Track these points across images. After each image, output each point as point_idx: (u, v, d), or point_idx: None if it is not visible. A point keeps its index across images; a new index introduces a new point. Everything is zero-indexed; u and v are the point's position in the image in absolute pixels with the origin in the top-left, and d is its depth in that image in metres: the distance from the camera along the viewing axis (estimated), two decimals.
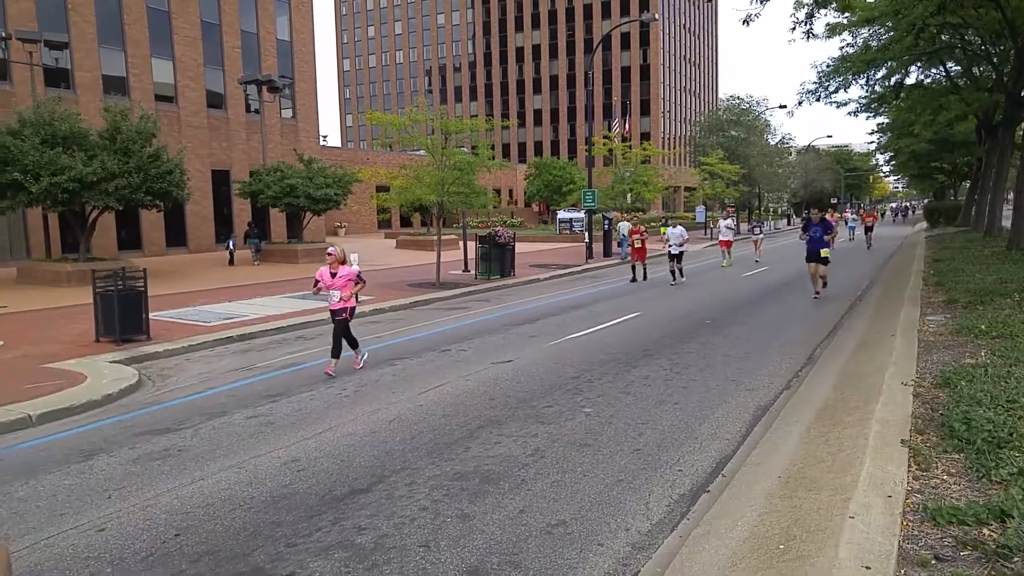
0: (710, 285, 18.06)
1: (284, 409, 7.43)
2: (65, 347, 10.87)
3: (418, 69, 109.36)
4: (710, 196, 43.81)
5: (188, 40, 30.69)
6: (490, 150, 21.43)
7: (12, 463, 6.03)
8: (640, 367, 8.89)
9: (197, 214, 31.04)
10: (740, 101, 50.28)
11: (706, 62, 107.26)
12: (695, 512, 4.63)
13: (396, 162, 43.15)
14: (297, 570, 4.00)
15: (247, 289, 18.11)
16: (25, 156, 17.47)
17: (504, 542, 4.30)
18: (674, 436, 6.25)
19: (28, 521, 4.81)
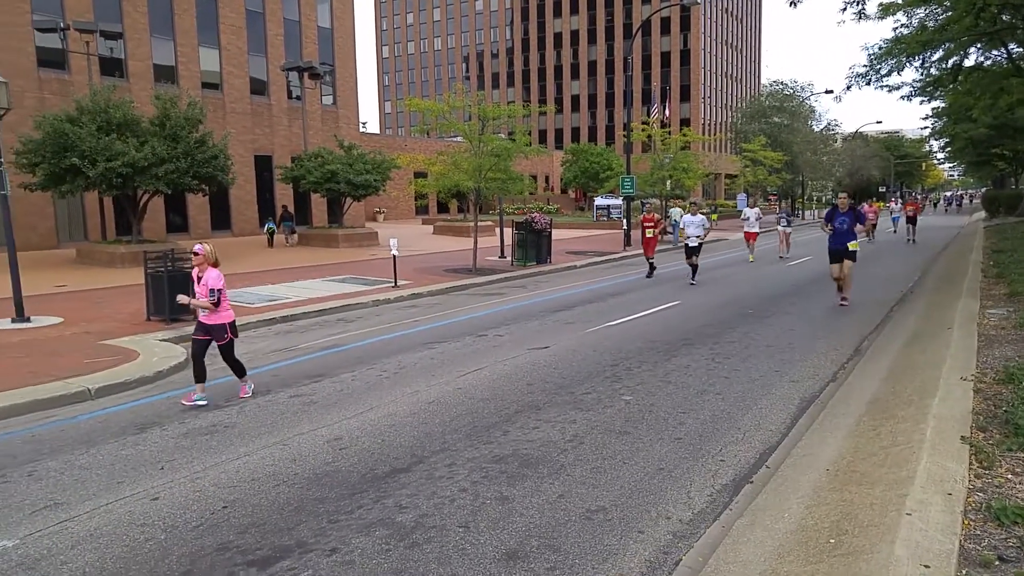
0: (751, 274, 17.78)
1: (326, 389, 7.56)
2: (119, 325, 11.20)
3: (456, 56, 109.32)
4: (751, 183, 43.06)
5: (233, 29, 31.14)
6: (527, 136, 21.38)
7: (74, 433, 6.26)
8: (680, 356, 8.82)
9: (241, 198, 31.59)
10: (784, 87, 49.23)
11: (748, 47, 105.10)
12: (738, 503, 4.59)
13: (434, 148, 43.30)
14: (340, 545, 4.09)
15: (289, 272, 18.40)
16: (83, 142, 17.98)
17: (543, 526, 4.33)
18: (716, 426, 6.19)
19: (89, 488, 4.99)
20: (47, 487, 5.02)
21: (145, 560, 3.94)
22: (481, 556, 3.96)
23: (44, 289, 14.91)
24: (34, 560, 3.98)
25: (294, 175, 26.57)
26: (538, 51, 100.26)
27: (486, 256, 21.91)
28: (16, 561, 3.97)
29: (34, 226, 24.65)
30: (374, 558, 3.94)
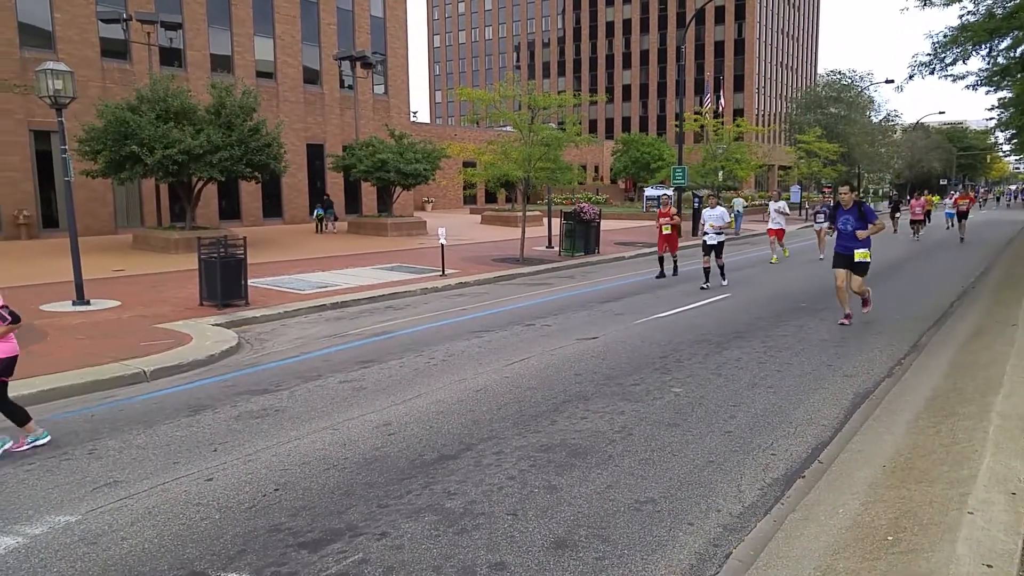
0: (804, 266, 17.34)
1: (375, 375, 7.63)
2: (173, 309, 11.51)
3: (507, 45, 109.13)
4: (806, 175, 41.99)
5: (288, 18, 31.61)
6: (577, 126, 21.21)
7: (131, 414, 6.45)
8: (731, 348, 8.65)
9: (292, 186, 32.14)
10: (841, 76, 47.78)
11: (805, 35, 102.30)
12: (790, 497, 4.47)
13: (483, 138, 43.35)
14: (389, 530, 4.11)
15: (340, 260, 18.67)
16: (142, 130, 18.52)
17: (591, 515, 4.28)
18: (767, 420, 6.05)
19: (146, 467, 5.13)
20: (107, 465, 5.18)
21: (201, 538, 4.03)
22: (530, 544, 3.94)
23: (103, 273, 15.42)
24: (95, 535, 4.10)
25: (345, 164, 26.92)
26: (590, 40, 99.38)
27: (534, 246, 21.86)
28: (79, 536, 4.10)
29: (94, 212, 25.50)
30: (423, 543, 3.95)
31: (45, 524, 4.25)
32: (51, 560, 3.84)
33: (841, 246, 9.76)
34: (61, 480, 4.92)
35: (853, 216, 9.45)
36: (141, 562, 3.79)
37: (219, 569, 3.70)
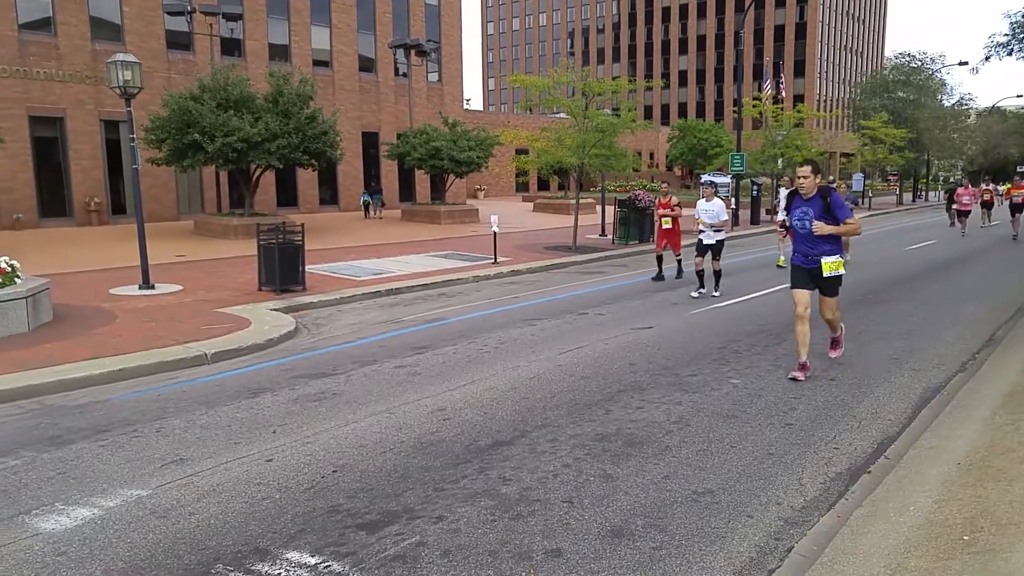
0: (866, 257, 16.78)
1: (429, 361, 7.69)
2: (233, 294, 11.82)
3: (561, 31, 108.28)
4: (870, 163, 40.57)
5: (344, 7, 31.97)
6: (633, 112, 20.92)
7: (194, 395, 6.66)
8: (791, 340, 8.38)
9: (348, 174, 32.60)
10: (911, 59, 45.87)
11: (871, 17, 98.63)
12: (855, 493, 4.33)
13: (537, 125, 43.17)
14: (446, 514, 4.14)
15: (394, 247, 18.88)
16: (203, 119, 19.03)
17: (648, 505, 4.23)
18: (829, 413, 5.87)
19: (209, 446, 5.28)
20: (173, 443, 5.34)
21: (263, 517, 4.13)
22: (586, 532, 3.91)
23: (166, 258, 15.94)
24: (165, 509, 4.24)
25: (399, 152, 27.17)
26: (645, 26, 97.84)
27: (586, 234, 21.70)
28: (150, 509, 4.25)
29: (158, 198, 26.34)
30: (479, 527, 3.96)
31: (119, 497, 4.42)
32: (125, 531, 3.99)
33: (800, 254, 6.84)
34: (132, 456, 5.11)
35: (815, 209, 6.60)
36: (208, 536, 3.90)
37: (280, 547, 3.78)
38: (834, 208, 6.58)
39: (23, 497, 4.45)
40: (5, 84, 23.09)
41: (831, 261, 6.71)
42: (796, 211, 6.78)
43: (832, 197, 6.61)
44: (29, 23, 23.69)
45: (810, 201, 6.69)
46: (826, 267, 6.69)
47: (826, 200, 6.61)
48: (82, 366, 7.29)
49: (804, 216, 6.70)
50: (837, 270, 6.77)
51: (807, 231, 6.69)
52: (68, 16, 24.19)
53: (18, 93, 23.40)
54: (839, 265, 6.77)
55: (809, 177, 6.66)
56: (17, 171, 23.54)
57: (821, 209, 6.60)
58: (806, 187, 6.68)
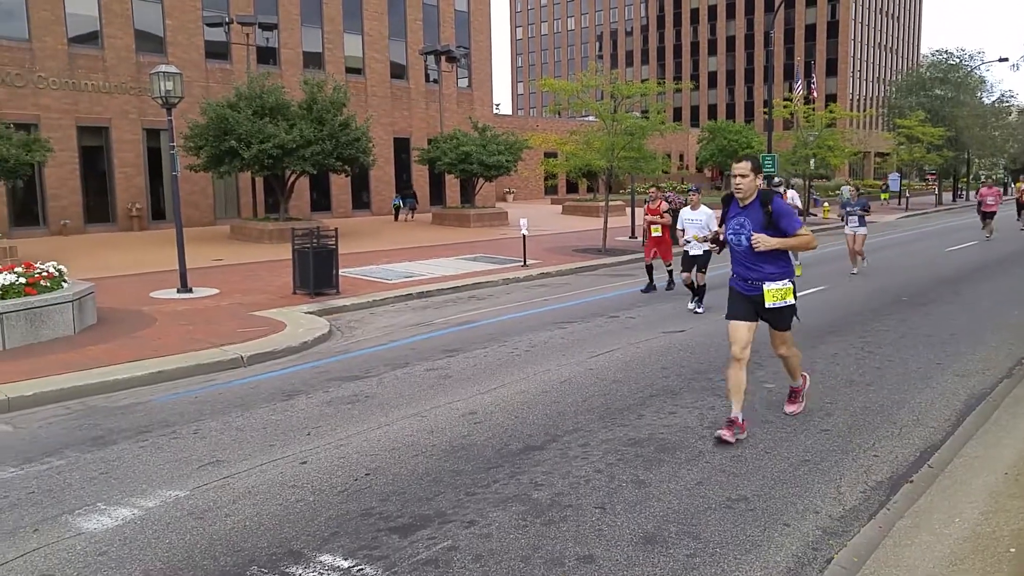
0: (905, 259, 16.44)
1: (460, 364, 7.71)
2: (268, 297, 11.98)
3: (589, 35, 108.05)
4: (906, 162, 39.76)
5: (375, 15, 32.31)
6: (662, 114, 20.79)
7: (230, 397, 6.76)
8: (826, 344, 8.28)
9: (380, 179, 32.89)
10: (948, 56, 44.87)
11: (907, 14, 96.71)
12: (897, 503, 4.23)
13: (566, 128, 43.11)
14: (477, 518, 4.14)
15: (424, 251, 18.99)
16: (240, 126, 19.38)
17: (681, 512, 4.19)
18: (867, 419, 5.76)
19: (245, 448, 5.36)
20: (209, 445, 5.43)
21: (297, 519, 4.17)
22: (618, 538, 3.88)
23: (203, 262, 16.22)
24: (202, 511, 4.31)
25: (430, 156, 27.36)
26: (673, 27, 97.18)
27: (616, 236, 21.59)
28: (187, 510, 4.33)
29: (196, 204, 26.85)
30: (511, 532, 3.96)
31: (157, 498, 4.50)
32: (163, 532, 4.06)
33: (739, 277, 5.37)
34: (170, 457, 5.20)
35: (754, 219, 5.13)
36: (243, 538, 3.95)
37: (314, 550, 3.82)
38: (778, 218, 5.07)
39: (67, 497, 4.56)
40: (55, 96, 23.79)
41: (777, 288, 5.18)
42: (731, 222, 5.27)
43: (775, 204, 5.09)
44: (77, 37, 24.38)
45: (748, 209, 5.18)
46: (769, 295, 5.17)
47: (767, 208, 5.07)
48: (124, 368, 7.45)
49: (740, 228, 5.18)
50: (785, 299, 5.23)
51: (744, 248, 5.18)
52: (115, 30, 24.85)
53: (67, 104, 24.09)
54: (787, 293, 5.24)
55: (748, 177, 5.14)
56: (65, 179, 24.22)
57: (762, 220, 5.09)
58: (743, 190, 5.16)
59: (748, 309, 5.32)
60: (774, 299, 5.21)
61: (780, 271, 5.23)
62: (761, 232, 5.07)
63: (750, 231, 5.10)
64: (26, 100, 23.31)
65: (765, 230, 5.08)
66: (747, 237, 5.12)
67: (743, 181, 5.15)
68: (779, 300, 5.23)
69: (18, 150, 16.99)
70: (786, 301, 5.27)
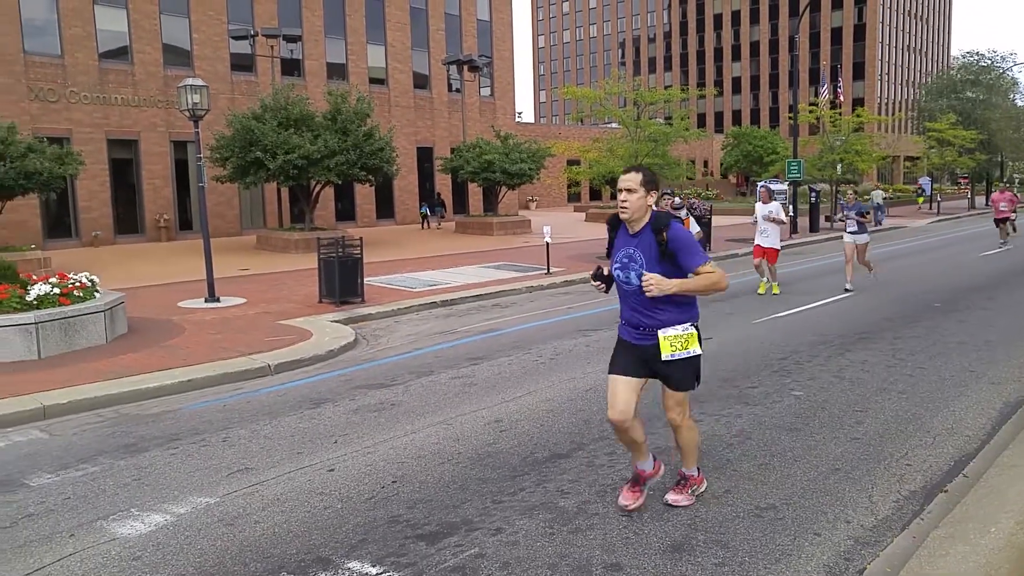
0: (936, 264, 16.17)
1: (485, 372, 7.73)
2: (294, 306, 12.11)
3: (612, 42, 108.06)
4: (937, 166, 39.14)
5: (398, 26, 32.65)
6: (686, 120, 20.73)
7: (258, 405, 6.84)
8: (856, 351, 8.17)
9: (404, 188, 33.15)
10: (979, 58, 44.17)
11: (935, 16, 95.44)
12: (931, 512, 4.16)
13: (588, 136, 43.12)
14: (504, 526, 4.14)
15: (447, 259, 19.07)
16: (265, 137, 19.67)
17: (709, 520, 4.15)
18: (900, 427, 5.66)
19: (273, 456, 5.42)
20: (238, 452, 5.50)
21: (325, 526, 4.20)
22: (646, 547, 3.86)
23: (230, 272, 16.44)
24: (232, 517, 4.37)
25: (453, 165, 27.54)
26: (696, 34, 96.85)
27: None
28: (218, 517, 4.38)
29: (222, 214, 27.27)
30: (538, 540, 3.95)
31: (188, 504, 4.57)
32: (195, 538, 4.12)
33: (627, 323, 4.26)
34: (200, 464, 5.27)
35: (646, 251, 3.99)
36: (272, 544, 3.99)
37: (342, 557, 3.84)
38: (676, 250, 3.89)
39: (101, 502, 4.64)
40: (86, 110, 24.35)
41: (675, 334, 4.01)
42: (618, 253, 4.11)
43: (672, 232, 3.89)
44: (108, 52, 24.97)
45: (639, 237, 3.99)
46: (666, 344, 4.01)
47: (661, 236, 3.89)
48: (154, 377, 7.57)
49: (628, 262, 4.03)
50: (687, 348, 4.03)
51: (634, 288, 4.01)
52: (143, 45, 25.41)
53: (98, 118, 24.64)
54: (690, 340, 4.04)
55: (636, 193, 3.91)
56: (96, 191, 24.75)
57: (655, 252, 3.93)
58: (630, 210, 3.95)
59: (635, 362, 4.12)
60: (672, 349, 4.00)
61: (679, 314, 4.04)
62: (655, 268, 3.89)
63: (641, 266, 3.94)
64: (59, 114, 23.88)
65: (659, 265, 3.89)
66: (637, 274, 3.95)
67: (630, 198, 3.92)
68: (679, 350, 4.01)
69: (51, 163, 17.39)
70: (688, 351, 4.03)
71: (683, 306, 4.06)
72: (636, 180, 3.93)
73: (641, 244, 3.98)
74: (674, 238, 3.89)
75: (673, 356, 4.02)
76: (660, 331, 4.03)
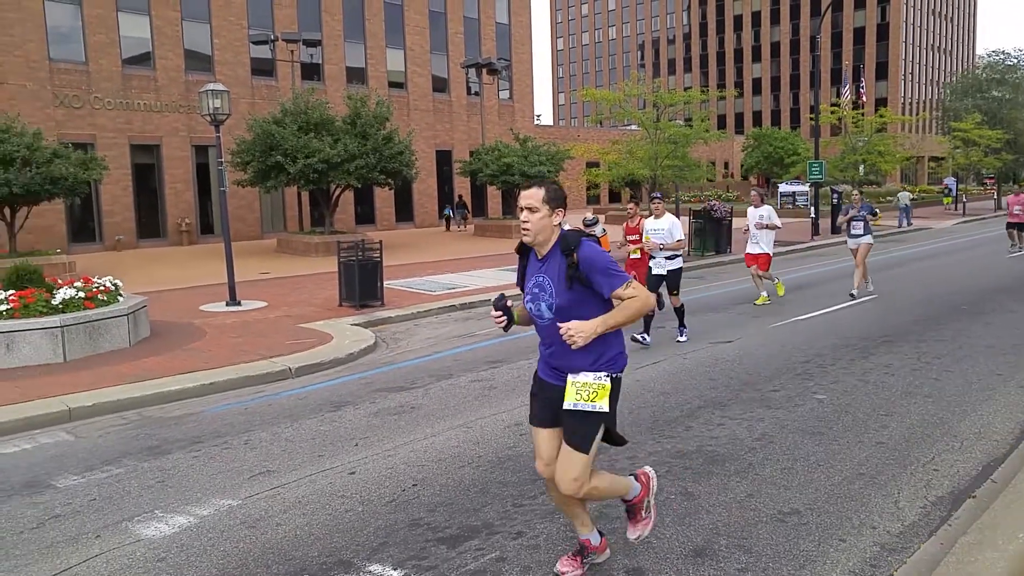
0: (962, 266, 15.92)
1: (504, 375, 7.72)
2: (315, 309, 12.19)
3: (631, 44, 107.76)
4: (963, 166, 38.55)
5: (417, 29, 32.80)
6: (706, 122, 20.62)
7: (279, 408, 6.88)
8: (879, 354, 8.05)
9: (422, 191, 33.28)
10: (1005, 56, 43.48)
11: (960, 15, 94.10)
12: (959, 518, 4.08)
13: (608, 138, 43.02)
14: (525, 529, 4.12)
15: (466, 262, 19.10)
16: (286, 141, 19.85)
17: (732, 525, 4.11)
18: (926, 431, 5.57)
19: (295, 458, 5.45)
20: (260, 455, 5.53)
21: (346, 529, 4.22)
22: (667, 551, 3.83)
23: (251, 275, 16.58)
24: (254, 520, 4.39)
25: (472, 168, 27.59)
26: (716, 35, 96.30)
27: None
28: (240, 519, 4.41)
29: (243, 218, 27.53)
30: (559, 544, 3.93)
31: (211, 506, 4.60)
32: (218, 540, 4.15)
33: (543, 362, 3.57)
34: (222, 467, 5.32)
35: (555, 278, 3.33)
36: (294, 547, 4.01)
37: (364, 560, 3.85)
38: (590, 273, 3.23)
39: (126, 504, 4.69)
40: (110, 115, 24.72)
41: (583, 381, 3.32)
42: (528, 282, 3.45)
43: (584, 253, 3.23)
44: (131, 58, 25.33)
45: (547, 262, 3.36)
46: (571, 390, 3.32)
47: (571, 259, 3.24)
48: (176, 380, 7.65)
49: (539, 292, 3.37)
50: (593, 401, 3.29)
51: (547, 322, 3.36)
52: (165, 51, 25.75)
53: (121, 124, 25.00)
54: (599, 392, 3.29)
55: (537, 212, 3.27)
56: (119, 196, 25.11)
57: (565, 280, 3.27)
58: (531, 231, 3.30)
59: (551, 408, 3.48)
60: (577, 398, 3.30)
61: (599, 360, 3.32)
62: (565, 296, 3.27)
63: (552, 296, 3.31)
64: (83, 120, 24.26)
65: (570, 292, 3.26)
66: (548, 305, 3.32)
67: (531, 219, 3.28)
68: (583, 401, 3.30)
69: (76, 169, 17.68)
70: (594, 405, 3.29)
71: (603, 348, 3.32)
72: (538, 197, 3.29)
73: (550, 269, 3.33)
74: (585, 259, 3.23)
75: (576, 406, 3.31)
76: (570, 375, 3.35)
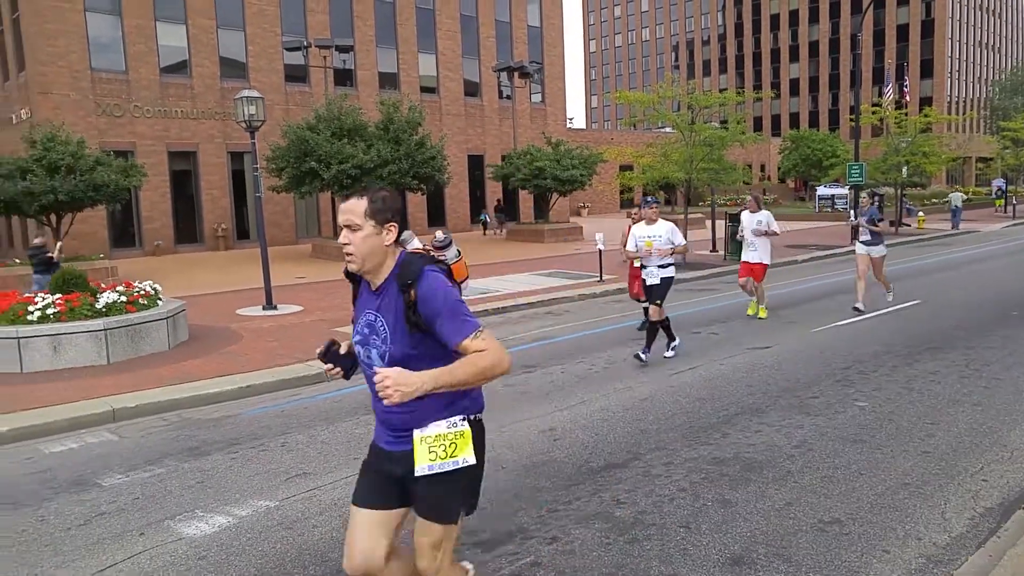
0: (1012, 270, 15.45)
1: (538, 380, 7.70)
2: (349, 313, 12.23)
3: (665, 45, 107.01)
4: (1012, 167, 37.46)
5: (449, 34, 32.98)
6: (742, 124, 20.36)
7: (315, 411, 6.96)
8: (924, 361, 7.85)
9: (455, 196, 33.40)
10: None
11: (1009, 10, 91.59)
12: (1008, 530, 3.95)
13: (641, 140, 42.73)
14: (559, 535, 4.10)
15: (499, 267, 19.12)
16: (319, 147, 20.10)
17: (770, 533, 4.03)
18: (974, 441, 5.41)
19: (330, 461, 5.50)
20: (296, 457, 5.59)
21: None
22: (704, 559, 3.77)
23: (287, 280, 16.79)
24: (291, 521, 4.44)
25: (504, 173, 27.62)
26: (752, 35, 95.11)
27: (696, 250, 21.15)
28: (277, 520, 4.46)
29: (278, 223, 27.91)
30: (594, 550, 3.90)
31: (250, 507, 4.67)
32: (256, 540, 4.20)
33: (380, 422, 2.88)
34: (260, 469, 5.39)
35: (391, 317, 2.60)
36: (330, 548, 4.04)
37: None
38: (431, 316, 2.53)
39: (168, 503, 4.78)
40: (148, 123, 25.31)
41: (436, 434, 2.65)
42: (360, 318, 2.79)
43: (423, 289, 2.53)
44: (168, 67, 25.92)
45: (381, 296, 2.68)
46: (422, 449, 2.63)
47: (409, 296, 2.54)
48: (214, 383, 7.78)
49: (370, 333, 2.71)
50: (453, 458, 2.65)
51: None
52: (201, 59, 26.28)
53: (159, 131, 25.59)
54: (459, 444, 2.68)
55: (359, 231, 2.58)
56: (157, 202, 25.69)
57: (402, 320, 2.57)
58: (355, 257, 2.63)
59: (386, 482, 2.78)
60: (431, 458, 2.61)
61: (451, 401, 2.66)
62: (403, 341, 2.57)
63: (385, 341, 2.63)
64: (124, 128, 24.87)
65: (408, 337, 2.56)
66: (380, 353, 2.64)
67: (352, 238, 2.59)
68: (440, 460, 2.63)
69: (118, 176, 18.12)
70: (455, 460, 2.65)
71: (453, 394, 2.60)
72: (358, 211, 2.55)
73: (385, 306, 2.62)
74: (425, 298, 2.50)
75: (431, 468, 2.59)
76: (416, 430, 2.62)
